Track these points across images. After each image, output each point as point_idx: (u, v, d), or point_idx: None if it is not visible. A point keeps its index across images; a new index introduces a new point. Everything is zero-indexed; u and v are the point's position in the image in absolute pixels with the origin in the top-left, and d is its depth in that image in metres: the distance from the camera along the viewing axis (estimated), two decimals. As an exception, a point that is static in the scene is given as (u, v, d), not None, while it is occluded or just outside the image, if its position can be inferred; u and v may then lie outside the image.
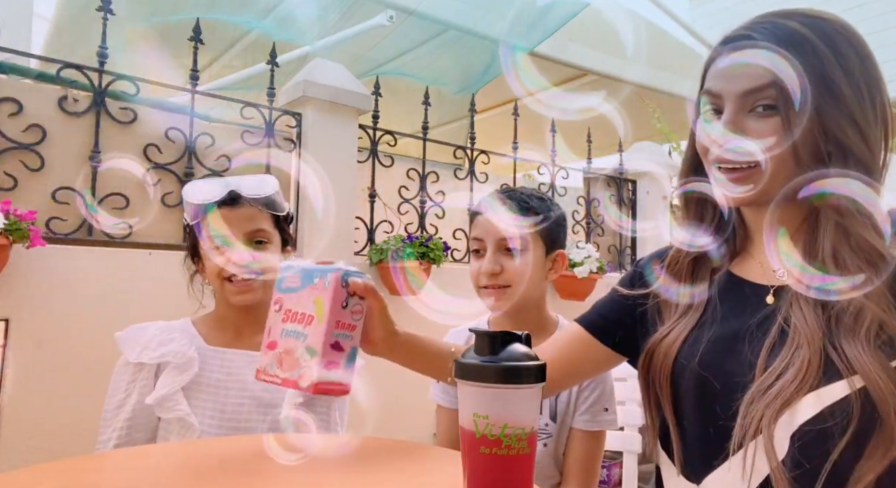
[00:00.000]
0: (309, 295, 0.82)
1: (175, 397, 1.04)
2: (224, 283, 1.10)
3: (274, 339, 0.83)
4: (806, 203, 0.75)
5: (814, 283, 0.71)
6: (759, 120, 0.74)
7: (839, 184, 0.72)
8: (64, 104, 1.93)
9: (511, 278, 1.15)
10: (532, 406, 0.60)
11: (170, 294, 1.21)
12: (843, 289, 0.70)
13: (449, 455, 0.84)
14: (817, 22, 0.74)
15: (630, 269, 0.98)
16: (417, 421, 2.32)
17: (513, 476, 0.59)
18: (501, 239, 1.16)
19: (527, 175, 3.69)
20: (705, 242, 0.85)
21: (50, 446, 1.66)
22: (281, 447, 0.80)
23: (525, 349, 0.61)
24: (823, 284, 0.71)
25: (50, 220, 1.86)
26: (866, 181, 0.71)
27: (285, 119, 2.34)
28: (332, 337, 0.82)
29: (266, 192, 1.12)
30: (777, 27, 0.74)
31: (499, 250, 1.17)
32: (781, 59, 0.71)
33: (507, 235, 1.16)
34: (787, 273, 0.77)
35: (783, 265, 0.77)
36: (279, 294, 0.84)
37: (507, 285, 1.15)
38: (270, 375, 0.83)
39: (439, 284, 2.49)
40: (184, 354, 1.07)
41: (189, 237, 1.16)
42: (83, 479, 0.74)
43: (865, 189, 0.71)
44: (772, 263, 0.80)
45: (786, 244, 0.77)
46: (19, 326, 1.70)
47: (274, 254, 1.15)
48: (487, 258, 1.16)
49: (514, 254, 1.16)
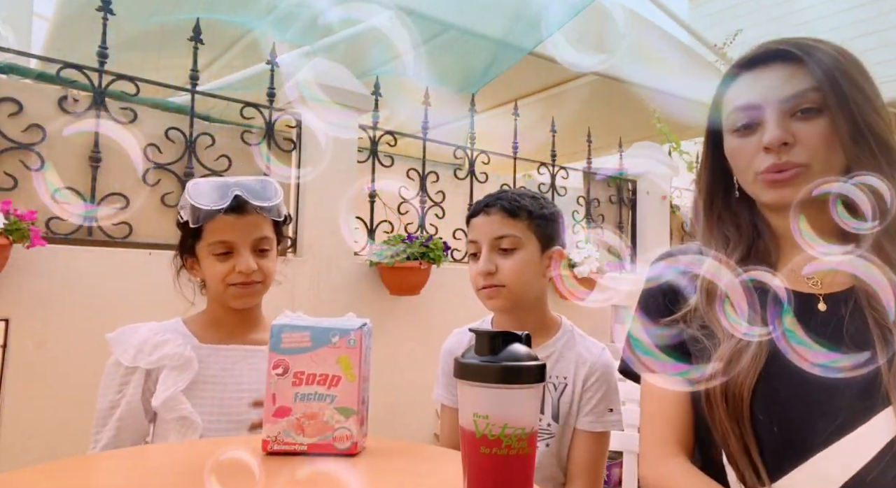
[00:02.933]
0: (327, 354, 0.80)
1: (177, 397, 1.05)
2: (227, 288, 1.11)
3: (284, 406, 0.80)
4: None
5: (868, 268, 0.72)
6: (804, 123, 0.79)
7: (877, 181, 0.74)
8: (64, 104, 1.93)
9: (506, 277, 1.15)
10: (532, 406, 0.60)
11: (169, 294, 1.21)
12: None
13: (449, 455, 0.84)
14: (837, 50, 0.81)
15: (646, 288, 0.94)
16: (417, 422, 2.32)
17: (513, 476, 0.59)
18: (494, 239, 1.17)
19: (526, 175, 3.69)
20: (740, 257, 0.85)
21: (50, 446, 1.66)
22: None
23: (525, 349, 0.61)
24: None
25: (50, 220, 1.86)
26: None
27: (285, 119, 2.34)
28: (363, 392, 0.83)
29: (272, 201, 1.12)
30: (788, 42, 0.81)
31: (493, 250, 1.17)
32: (811, 63, 0.78)
33: (501, 233, 1.16)
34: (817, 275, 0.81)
35: (823, 257, 0.79)
36: (280, 356, 0.80)
37: (502, 284, 1.16)
38: (288, 443, 0.80)
39: (439, 284, 2.49)
40: (181, 355, 1.08)
41: (184, 235, 1.15)
42: (83, 479, 0.74)
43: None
44: (804, 269, 0.82)
45: (817, 237, 0.79)
46: (19, 326, 1.70)
47: (275, 259, 1.16)
48: (482, 258, 1.17)
49: (510, 253, 1.16)
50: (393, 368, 2.17)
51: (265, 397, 0.81)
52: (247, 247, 1.10)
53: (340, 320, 0.85)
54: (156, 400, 1.04)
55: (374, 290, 2.41)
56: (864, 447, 0.70)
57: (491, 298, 1.17)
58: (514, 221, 1.17)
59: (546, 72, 3.94)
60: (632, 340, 0.90)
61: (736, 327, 0.79)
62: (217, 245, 1.10)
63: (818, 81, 0.78)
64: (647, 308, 0.92)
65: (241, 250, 1.10)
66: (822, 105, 0.78)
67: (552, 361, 1.17)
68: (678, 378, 0.84)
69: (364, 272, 2.41)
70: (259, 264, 1.11)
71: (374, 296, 2.41)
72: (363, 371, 0.83)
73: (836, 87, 0.77)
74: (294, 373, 0.80)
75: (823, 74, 0.77)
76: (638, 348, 0.88)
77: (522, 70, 3.49)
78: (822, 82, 0.78)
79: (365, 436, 0.84)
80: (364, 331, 0.83)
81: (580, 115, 3.94)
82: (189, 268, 1.17)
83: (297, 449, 0.80)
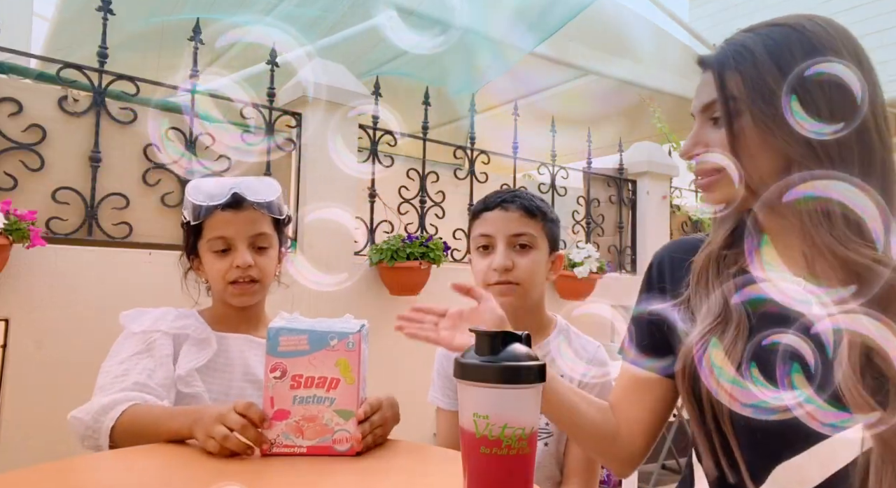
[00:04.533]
0: (326, 357, 0.80)
1: (194, 374, 1.05)
2: (227, 286, 1.11)
3: (283, 409, 0.80)
4: (793, 208, 0.73)
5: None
6: (711, 131, 0.79)
7: (819, 187, 0.69)
8: (64, 104, 1.93)
9: (521, 275, 1.14)
10: (532, 406, 0.60)
11: (170, 294, 1.22)
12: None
13: (449, 455, 0.84)
14: (773, 30, 0.75)
15: (646, 275, 0.92)
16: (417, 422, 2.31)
17: (513, 476, 0.59)
18: (512, 235, 1.15)
19: (526, 175, 3.69)
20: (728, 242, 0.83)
21: (50, 446, 1.66)
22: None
23: (525, 349, 0.61)
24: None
25: (50, 220, 1.86)
26: (856, 183, 0.68)
27: (285, 119, 2.34)
28: (361, 393, 0.83)
29: (270, 197, 1.13)
30: (731, 45, 0.78)
31: (510, 246, 1.15)
32: (727, 74, 0.76)
33: (520, 231, 1.15)
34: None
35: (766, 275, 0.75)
36: (277, 359, 0.80)
37: (516, 282, 1.14)
38: (287, 446, 0.80)
39: (439, 284, 2.48)
40: (205, 329, 1.09)
41: (186, 235, 1.16)
42: (83, 479, 0.74)
43: (853, 190, 0.68)
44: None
45: (769, 253, 0.77)
46: (19, 326, 1.70)
47: (274, 257, 1.16)
48: (500, 253, 1.14)
49: (526, 251, 1.15)
50: (392, 368, 2.17)
51: (263, 400, 0.81)
52: (244, 243, 1.10)
53: (338, 322, 0.85)
54: (180, 368, 1.03)
55: (374, 290, 2.41)
56: (841, 451, 0.68)
57: (503, 295, 1.14)
58: (532, 220, 1.16)
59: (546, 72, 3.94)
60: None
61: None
62: (215, 241, 1.10)
63: (719, 94, 0.76)
64: (650, 286, 0.90)
65: (238, 246, 1.10)
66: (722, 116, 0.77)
67: (549, 360, 1.17)
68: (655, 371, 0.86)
69: (364, 272, 2.41)
70: (257, 261, 1.11)
71: (374, 296, 2.40)
72: (362, 373, 0.83)
73: (730, 102, 0.75)
74: (292, 376, 0.80)
75: (722, 89, 0.76)
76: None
77: (522, 69, 3.49)
78: (721, 95, 0.76)
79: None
80: (362, 333, 0.83)
81: (580, 114, 3.94)
82: (196, 269, 1.18)
83: (296, 452, 0.80)
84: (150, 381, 0.98)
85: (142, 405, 0.92)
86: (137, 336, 1.05)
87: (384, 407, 0.88)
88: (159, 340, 1.05)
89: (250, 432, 0.78)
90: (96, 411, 0.91)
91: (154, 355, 1.02)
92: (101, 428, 0.89)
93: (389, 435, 0.91)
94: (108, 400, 0.92)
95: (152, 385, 0.98)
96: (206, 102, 2.16)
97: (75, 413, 0.93)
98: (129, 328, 1.08)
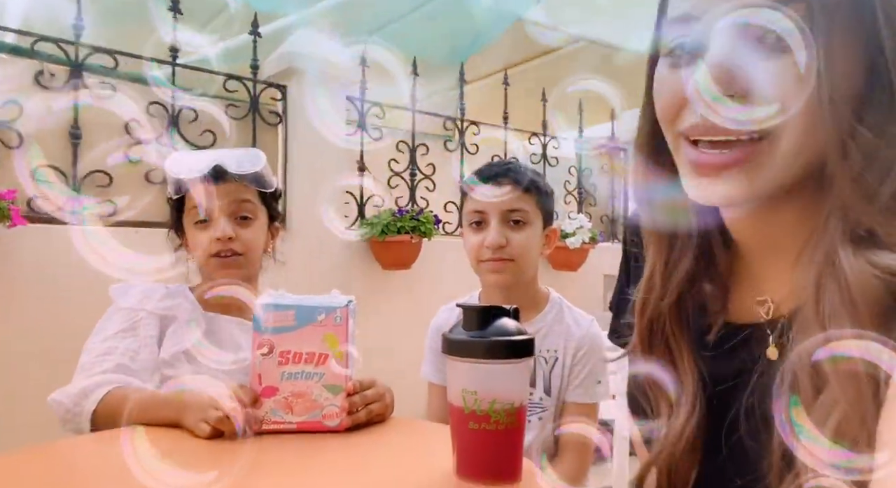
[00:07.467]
0: (313, 333, 0.80)
1: (180, 356, 1.03)
2: (209, 259, 1.09)
3: (271, 385, 0.79)
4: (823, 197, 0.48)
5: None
6: (765, 60, 0.45)
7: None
8: (40, 79, 1.87)
9: (516, 251, 1.12)
10: (521, 381, 0.59)
11: (157, 272, 1.19)
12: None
13: (439, 430, 0.84)
14: None
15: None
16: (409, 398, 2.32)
17: (502, 451, 0.58)
18: (506, 211, 1.13)
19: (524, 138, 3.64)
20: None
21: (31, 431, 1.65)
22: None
23: (514, 323, 0.60)
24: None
25: (31, 200, 1.82)
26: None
27: (270, 92, 2.29)
28: (350, 368, 0.82)
29: (253, 168, 1.09)
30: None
31: (503, 223, 1.13)
32: None
33: (514, 207, 1.13)
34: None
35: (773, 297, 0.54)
36: (265, 336, 0.80)
37: (510, 259, 1.12)
38: (277, 422, 0.79)
39: (431, 258, 2.47)
40: (195, 310, 1.07)
41: (172, 210, 1.14)
42: (68, 462, 0.73)
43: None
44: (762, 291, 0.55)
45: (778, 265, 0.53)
46: (2, 307, 1.68)
47: (260, 229, 1.13)
48: (493, 229, 1.12)
49: (520, 227, 1.14)
50: (385, 342, 2.17)
51: (251, 377, 0.80)
52: (224, 214, 1.07)
53: (325, 298, 0.84)
54: (165, 351, 1.01)
55: (366, 265, 2.40)
56: None
57: (497, 272, 1.13)
58: (526, 196, 1.14)
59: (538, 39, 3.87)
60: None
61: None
62: (195, 211, 1.07)
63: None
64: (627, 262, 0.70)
65: (218, 217, 1.07)
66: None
67: (542, 335, 1.16)
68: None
69: (355, 247, 2.39)
70: (239, 234, 1.08)
71: (366, 271, 2.39)
72: (350, 348, 0.82)
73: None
74: (280, 353, 0.80)
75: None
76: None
77: (512, 38, 3.42)
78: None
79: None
80: (350, 308, 0.82)
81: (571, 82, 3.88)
82: (184, 245, 1.15)
83: (286, 428, 0.80)
84: (132, 364, 0.97)
85: (124, 387, 0.90)
86: (123, 312, 1.03)
87: (379, 385, 0.87)
88: (145, 320, 1.03)
89: (243, 414, 0.77)
90: (76, 395, 0.89)
91: (138, 335, 1.01)
92: (82, 412, 0.88)
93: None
94: (88, 382, 0.90)
95: (135, 368, 0.97)
96: (187, 76, 2.10)
97: (55, 396, 0.92)
98: (117, 302, 1.06)
